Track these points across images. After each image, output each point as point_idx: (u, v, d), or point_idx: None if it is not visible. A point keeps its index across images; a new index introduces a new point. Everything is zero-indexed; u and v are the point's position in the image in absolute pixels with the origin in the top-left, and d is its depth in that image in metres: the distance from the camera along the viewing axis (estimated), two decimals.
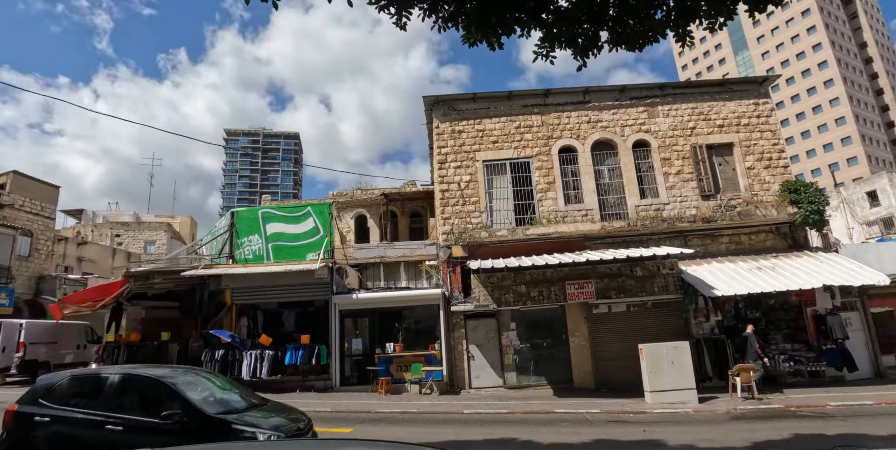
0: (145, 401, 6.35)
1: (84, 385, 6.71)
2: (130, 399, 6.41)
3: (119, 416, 6.08)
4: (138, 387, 6.57)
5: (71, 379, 6.76)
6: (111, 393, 6.35)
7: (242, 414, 6.44)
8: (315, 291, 15.61)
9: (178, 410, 5.95)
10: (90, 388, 6.61)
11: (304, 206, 16.65)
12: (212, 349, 14.57)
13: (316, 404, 12.38)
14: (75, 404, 6.32)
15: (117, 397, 6.35)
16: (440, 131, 17.09)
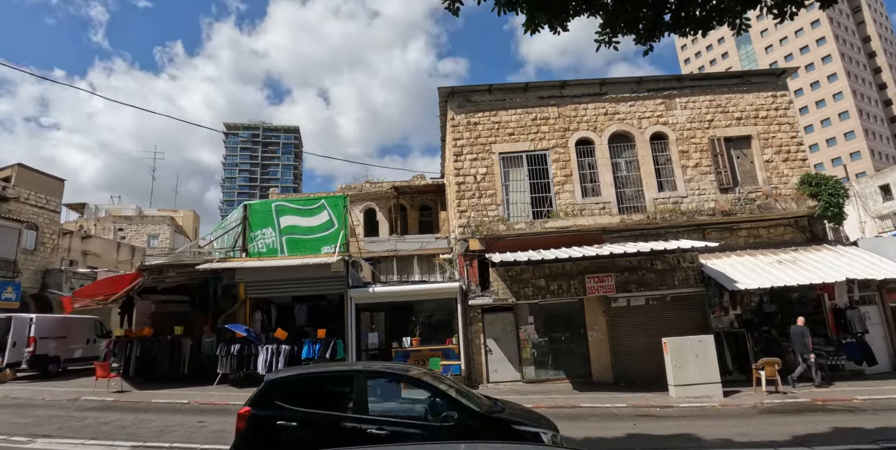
0: (407, 401, 5.95)
1: (324, 385, 6.20)
2: (386, 399, 5.97)
3: (384, 418, 5.53)
4: (389, 385, 6.16)
5: (307, 378, 6.26)
6: (360, 392, 5.71)
7: (503, 413, 5.87)
8: (330, 285, 15.43)
9: (451, 411, 5.32)
10: (333, 388, 6.13)
11: (319, 199, 16.44)
12: (227, 344, 14.41)
13: None
14: (320, 405, 5.79)
15: (367, 396, 5.73)
16: (455, 123, 16.89)
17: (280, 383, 5.98)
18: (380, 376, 6.19)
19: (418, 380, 5.89)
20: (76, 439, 8.34)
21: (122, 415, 10.49)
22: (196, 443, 8.02)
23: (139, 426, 9.35)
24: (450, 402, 5.52)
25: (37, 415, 10.52)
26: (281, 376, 6.20)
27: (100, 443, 8.06)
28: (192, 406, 11.61)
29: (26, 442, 8.16)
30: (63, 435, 8.59)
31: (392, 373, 6.27)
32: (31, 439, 8.33)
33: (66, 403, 12.26)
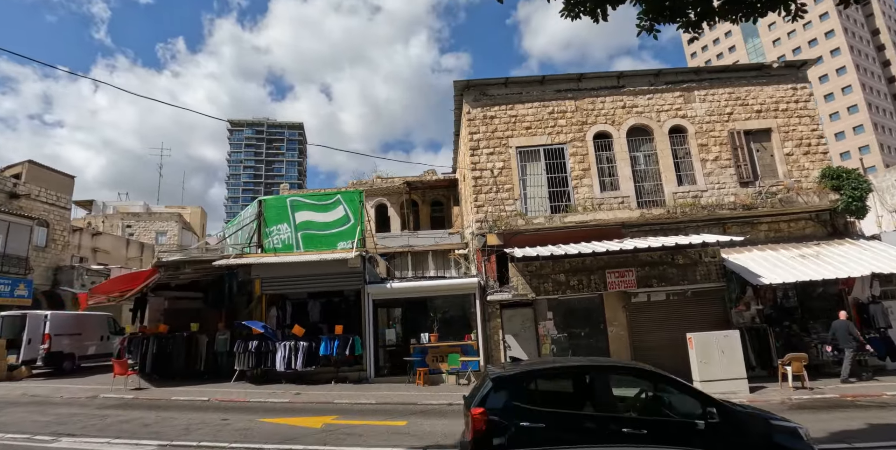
0: (649, 397, 5.62)
1: (557, 381, 5.90)
2: (627, 395, 5.65)
3: (638, 417, 5.27)
4: (625, 380, 5.87)
5: (538, 375, 5.91)
6: (603, 389, 5.43)
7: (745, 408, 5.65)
8: (347, 281, 15.30)
9: (708, 407, 5.05)
10: (567, 384, 5.83)
11: (334, 194, 16.29)
12: (244, 340, 14.29)
13: (357, 396, 12.14)
14: (559, 403, 5.49)
15: (611, 393, 5.46)
16: (472, 117, 16.69)
17: (509, 381, 5.61)
18: (617, 372, 5.90)
19: (659, 375, 5.60)
20: (101, 437, 8.23)
21: (143, 413, 10.38)
22: (223, 442, 7.90)
23: (162, 424, 9.23)
24: (702, 398, 5.26)
25: (57, 413, 10.42)
26: (509, 374, 5.76)
27: (125, 442, 7.95)
28: (213, 404, 11.50)
29: (50, 441, 8.04)
30: (87, 434, 8.48)
31: (628, 367, 6.06)
32: (55, 437, 8.21)
33: (85, 400, 12.16)
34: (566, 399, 5.62)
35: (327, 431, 8.58)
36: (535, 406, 5.26)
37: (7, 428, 8.93)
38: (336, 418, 9.71)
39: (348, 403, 11.42)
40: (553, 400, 5.51)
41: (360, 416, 10.00)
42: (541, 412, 5.19)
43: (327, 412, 10.32)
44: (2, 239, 22.12)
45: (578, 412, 5.34)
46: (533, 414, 5.15)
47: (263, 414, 10.15)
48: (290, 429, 8.76)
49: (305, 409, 10.78)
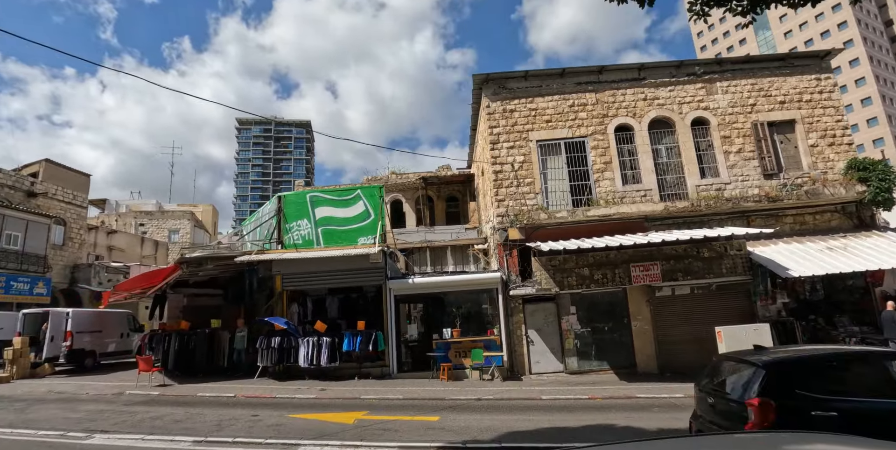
0: None
1: (834, 368, 5.58)
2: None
3: None
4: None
5: (814, 361, 5.62)
6: (884, 376, 5.22)
7: None
8: (368, 277, 15.23)
9: None
10: (845, 371, 5.58)
11: (354, 189, 16.20)
12: (267, 337, 14.25)
13: (384, 392, 12.07)
14: (844, 391, 5.23)
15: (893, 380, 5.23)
16: (491, 111, 16.54)
17: (787, 368, 5.37)
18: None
19: None
20: (134, 434, 8.19)
21: (171, 409, 10.35)
22: (258, 437, 7.83)
23: (193, 421, 9.19)
24: None
25: (87, 410, 10.41)
26: (784, 361, 5.53)
27: (159, 438, 7.90)
28: (240, 400, 11.47)
29: (84, 437, 8.01)
30: (119, 430, 8.45)
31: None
32: (88, 434, 8.19)
33: (111, 397, 12.16)
34: (848, 386, 5.35)
35: (361, 426, 8.51)
36: (821, 394, 5.02)
37: (39, 425, 8.91)
38: (366, 413, 9.64)
39: (375, 398, 11.35)
40: (831, 387, 5.20)
41: (389, 411, 9.92)
42: (830, 400, 4.94)
43: (356, 408, 10.26)
44: (20, 237, 22.21)
45: (872, 400, 5.06)
46: (821, 403, 4.91)
47: (292, 410, 10.10)
48: (323, 425, 8.69)
49: (333, 405, 10.71)
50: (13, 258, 21.95)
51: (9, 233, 21.83)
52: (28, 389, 13.47)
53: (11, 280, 21.63)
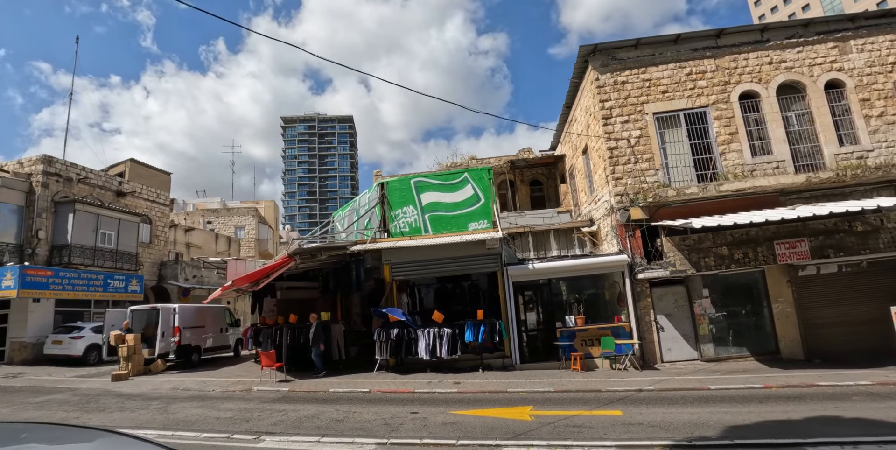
0: None
1: None
2: None
3: None
4: None
5: None
6: None
7: None
8: (483, 263, 14.48)
9: None
10: None
11: (461, 172, 15.43)
12: (384, 329, 13.69)
13: (524, 384, 11.30)
14: None
15: None
16: (601, 84, 15.46)
17: None
18: None
19: None
20: (305, 435, 7.62)
21: (318, 407, 9.83)
22: (443, 438, 7.15)
23: (353, 420, 8.61)
24: None
25: (229, 408, 10.01)
26: None
27: (337, 440, 7.30)
28: (378, 396, 10.90)
29: (253, 440, 7.48)
30: (284, 432, 7.90)
31: None
32: (256, 436, 7.67)
33: (240, 393, 11.82)
34: None
35: (546, 423, 7.74)
36: None
37: (194, 426, 8.50)
38: (533, 408, 8.88)
39: (525, 391, 10.59)
40: None
41: (556, 406, 9.14)
42: None
43: (515, 403, 9.52)
44: (114, 236, 22.43)
45: None
46: None
47: (448, 406, 9.43)
48: (501, 422, 7.97)
49: (486, 399, 10.00)
50: (108, 257, 22.20)
51: (103, 232, 22.07)
52: (151, 386, 13.30)
53: (108, 278, 21.88)
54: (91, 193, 22.57)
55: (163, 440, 7.51)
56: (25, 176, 20.63)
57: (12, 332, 19.72)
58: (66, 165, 21.82)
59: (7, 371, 17.19)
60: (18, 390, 13.30)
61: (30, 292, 18.83)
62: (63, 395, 12.32)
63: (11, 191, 19.96)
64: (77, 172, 22.20)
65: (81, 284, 20.74)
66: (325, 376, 13.56)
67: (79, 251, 20.92)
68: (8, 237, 19.84)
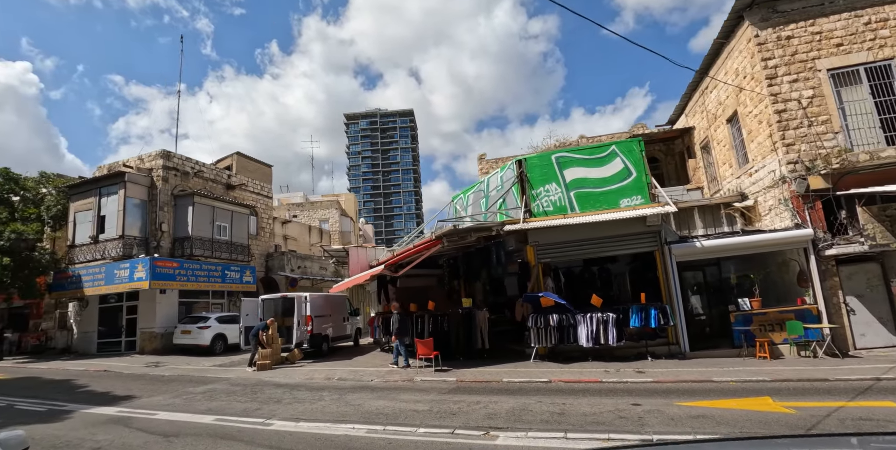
0: None
1: None
2: None
3: None
4: None
5: None
6: None
7: None
8: (639, 242, 13.34)
9: None
10: None
11: (608, 145, 14.27)
12: (541, 315, 12.77)
13: (730, 373, 10.13)
14: None
15: None
16: (762, 40, 13.87)
17: None
18: None
19: None
20: (544, 431, 6.74)
21: (514, 399, 9.02)
22: (708, 432, 6.14)
23: (575, 412, 7.73)
24: None
25: (413, 400, 9.36)
26: None
27: (588, 436, 6.41)
28: (562, 386, 10.00)
29: (483, 436, 6.67)
30: (513, 427, 7.04)
31: None
32: (484, 431, 6.87)
33: (403, 384, 11.20)
34: None
35: (816, 415, 6.58)
36: None
37: (400, 420, 7.84)
38: (774, 399, 7.72)
39: (736, 381, 9.40)
40: None
41: (796, 396, 7.95)
42: None
43: (735, 393, 8.39)
44: (228, 228, 22.56)
45: None
46: None
47: (663, 397, 8.41)
48: (764, 415, 6.87)
49: (697, 390, 8.90)
50: (224, 248, 22.38)
51: (219, 224, 22.26)
52: (301, 376, 12.93)
53: (226, 269, 22.07)
54: (204, 187, 22.79)
55: (383, 435, 6.87)
56: (147, 171, 20.97)
57: (142, 322, 20.15)
58: (182, 160, 22.08)
59: (145, 360, 17.46)
60: (172, 380, 13.26)
61: (159, 283, 19.11)
62: (220, 385, 12.11)
63: (136, 186, 20.33)
64: (192, 165, 22.45)
65: (203, 275, 20.97)
66: (476, 365, 12.80)
67: (199, 243, 21.13)
68: (134, 230, 20.23)
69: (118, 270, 19.34)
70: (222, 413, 8.70)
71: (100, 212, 20.41)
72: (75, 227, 21.04)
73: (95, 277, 19.96)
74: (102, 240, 20.22)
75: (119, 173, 20.07)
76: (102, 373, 15.02)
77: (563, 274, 15.24)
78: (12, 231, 18.41)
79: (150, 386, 12.30)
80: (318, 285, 28.10)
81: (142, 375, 14.43)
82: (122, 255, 19.59)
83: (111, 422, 8.37)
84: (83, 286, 20.25)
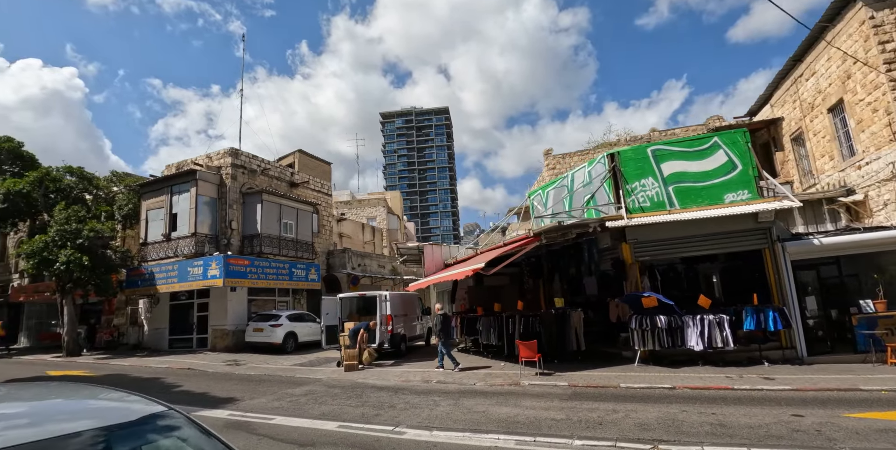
0: None
1: None
2: None
3: None
4: None
5: None
6: None
7: None
8: (746, 240, 12.58)
9: None
10: None
11: (709, 136, 13.50)
12: (644, 316, 12.10)
13: (872, 381, 9.31)
14: None
15: None
16: (878, 23, 12.92)
17: None
18: None
19: None
20: (723, 446, 6.14)
21: (654, 406, 8.41)
22: None
23: (736, 424, 7.10)
24: None
25: (537, 406, 8.86)
26: None
27: None
28: (690, 393, 9.36)
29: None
30: (682, 441, 6.46)
31: None
32: (652, 445, 6.31)
33: (510, 387, 10.72)
34: None
35: None
36: None
37: (551, 431, 7.33)
38: None
39: (888, 390, 8.64)
40: None
41: None
42: None
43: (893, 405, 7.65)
44: (293, 225, 22.47)
45: None
46: None
47: (821, 407, 7.70)
48: None
49: (847, 400, 8.16)
50: (290, 246, 22.29)
51: (285, 221, 22.18)
52: (396, 378, 12.54)
53: (292, 267, 21.97)
54: (270, 184, 22.74)
55: (535, 448, 6.35)
56: (216, 169, 20.98)
57: (213, 320, 20.17)
58: (248, 158, 22.06)
59: (221, 358, 17.41)
60: (262, 380, 13.05)
61: (232, 281, 19.07)
62: (315, 386, 11.81)
63: (206, 184, 20.35)
64: (258, 163, 22.42)
65: (271, 272, 20.89)
66: (576, 369, 12.23)
67: (267, 241, 21.06)
68: (205, 228, 20.26)
69: (191, 267, 19.37)
70: (341, 419, 8.33)
71: (171, 210, 20.51)
72: (147, 224, 21.21)
73: (168, 275, 20.06)
74: (175, 238, 20.31)
75: (191, 171, 20.11)
76: (187, 371, 14.95)
77: (664, 272, 14.51)
78: (90, 229, 18.58)
79: (242, 386, 12.10)
80: (377, 283, 27.89)
81: (227, 374, 14.29)
82: (195, 252, 19.63)
83: (231, 427, 8.07)
84: (156, 283, 20.38)
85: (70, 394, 2.70)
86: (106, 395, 2.71)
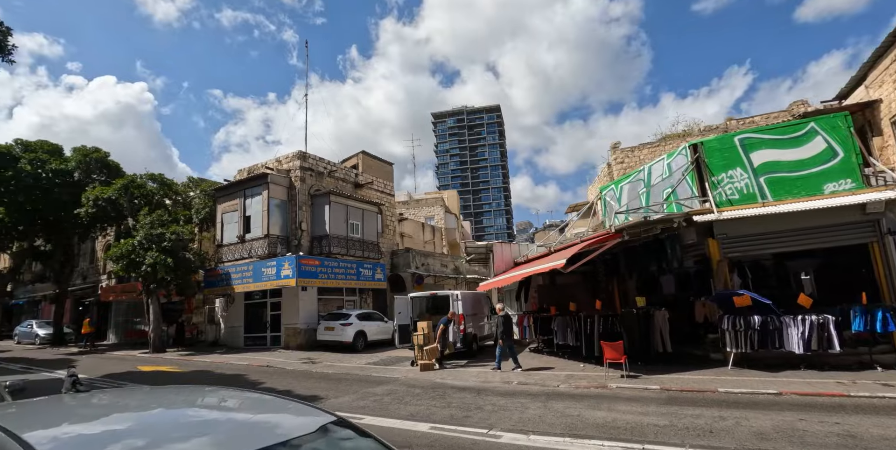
0: None
1: None
2: None
3: None
4: None
5: None
6: None
7: None
8: (850, 233, 11.64)
9: None
10: None
11: (805, 122, 12.61)
12: (738, 316, 11.39)
13: None
14: None
15: None
16: None
17: None
18: None
19: None
20: None
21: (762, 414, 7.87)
22: None
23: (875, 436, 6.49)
24: None
25: (636, 412, 8.44)
26: None
27: None
28: (798, 400, 8.68)
29: None
30: None
31: None
32: None
33: (597, 391, 10.30)
34: None
35: None
36: None
37: (658, 438, 6.91)
38: None
39: None
40: None
41: None
42: None
43: None
44: (360, 226, 22.66)
45: None
46: None
47: None
48: None
49: None
50: (357, 246, 22.51)
51: (352, 222, 22.42)
52: (474, 378, 12.35)
53: (360, 267, 22.18)
54: (336, 186, 23.04)
55: None
56: (285, 172, 21.42)
57: (286, 319, 20.59)
58: (316, 160, 22.43)
59: (296, 356, 17.72)
60: (341, 378, 13.12)
61: (304, 281, 19.40)
62: (395, 386, 11.75)
63: (277, 186, 20.80)
64: (325, 165, 22.76)
65: (340, 272, 21.13)
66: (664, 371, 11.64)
67: (335, 241, 21.33)
68: (276, 230, 20.71)
69: (265, 268, 19.84)
70: (431, 420, 8.16)
71: (245, 212, 21.09)
72: (223, 227, 21.91)
73: (244, 275, 20.63)
74: (249, 239, 20.88)
75: (262, 175, 20.61)
76: (266, 368, 15.25)
77: (753, 268, 13.65)
78: (172, 232, 19.38)
79: (323, 384, 12.19)
80: (440, 282, 27.82)
81: (305, 372, 14.48)
82: (268, 253, 20.10)
83: None
84: (232, 283, 21.01)
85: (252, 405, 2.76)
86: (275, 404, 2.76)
